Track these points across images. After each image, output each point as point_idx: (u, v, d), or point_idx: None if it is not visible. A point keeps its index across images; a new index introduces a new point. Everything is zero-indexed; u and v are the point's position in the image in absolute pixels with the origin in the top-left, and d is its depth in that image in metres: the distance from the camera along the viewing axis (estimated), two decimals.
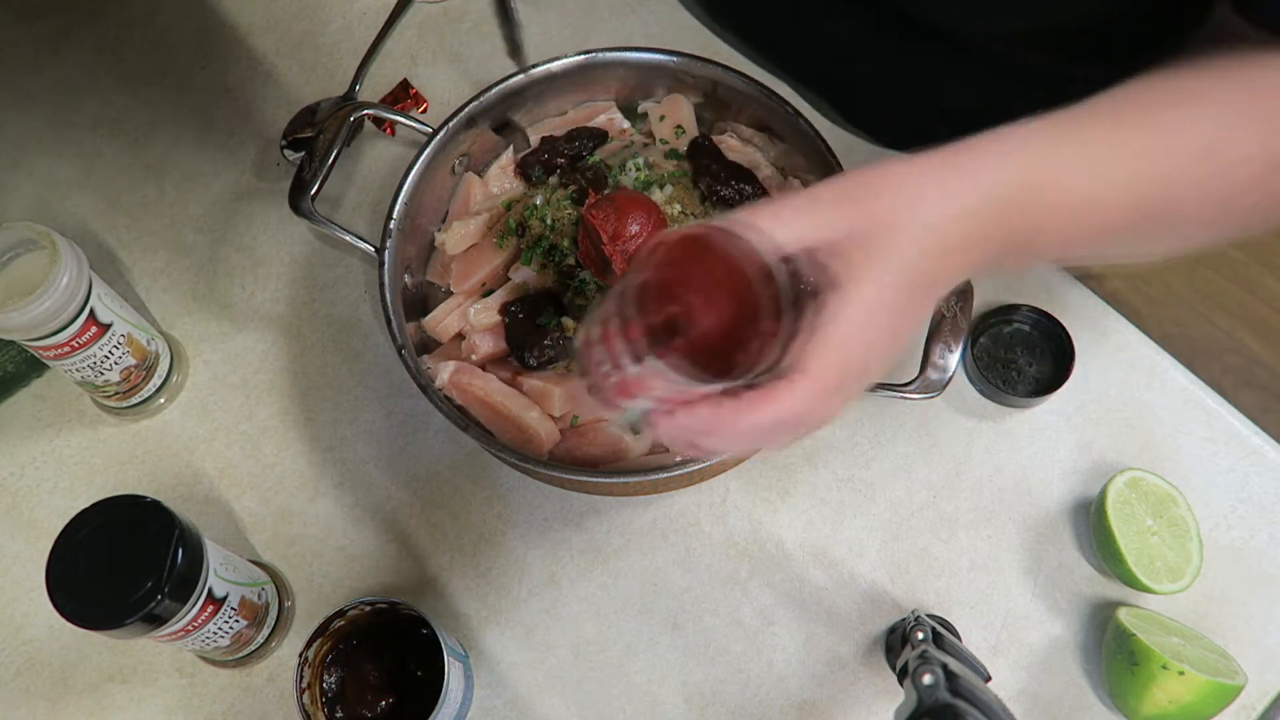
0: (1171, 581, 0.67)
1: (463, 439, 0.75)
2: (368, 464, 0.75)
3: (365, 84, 0.86)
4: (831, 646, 0.70)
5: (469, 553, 0.73)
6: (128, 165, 0.86)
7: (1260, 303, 1.62)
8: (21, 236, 0.65)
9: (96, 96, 0.88)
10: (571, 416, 0.69)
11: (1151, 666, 0.62)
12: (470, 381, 0.69)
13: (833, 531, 0.72)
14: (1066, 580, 0.71)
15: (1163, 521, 0.68)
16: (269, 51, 0.90)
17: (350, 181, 0.85)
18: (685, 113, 0.78)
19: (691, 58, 0.75)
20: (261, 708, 0.69)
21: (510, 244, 0.74)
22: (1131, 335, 0.77)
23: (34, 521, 0.74)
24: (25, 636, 0.71)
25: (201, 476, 0.75)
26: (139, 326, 0.72)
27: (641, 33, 0.90)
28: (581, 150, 0.77)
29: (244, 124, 0.87)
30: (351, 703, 0.64)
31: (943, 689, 0.51)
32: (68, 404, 0.77)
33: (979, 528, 0.72)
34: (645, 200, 0.71)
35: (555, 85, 0.77)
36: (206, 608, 0.60)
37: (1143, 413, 0.75)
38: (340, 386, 0.78)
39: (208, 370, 0.78)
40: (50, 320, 0.64)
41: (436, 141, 0.73)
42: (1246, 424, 0.75)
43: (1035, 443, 0.75)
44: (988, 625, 0.70)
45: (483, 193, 0.78)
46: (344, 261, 0.82)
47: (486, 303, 0.72)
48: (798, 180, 0.76)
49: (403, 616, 0.63)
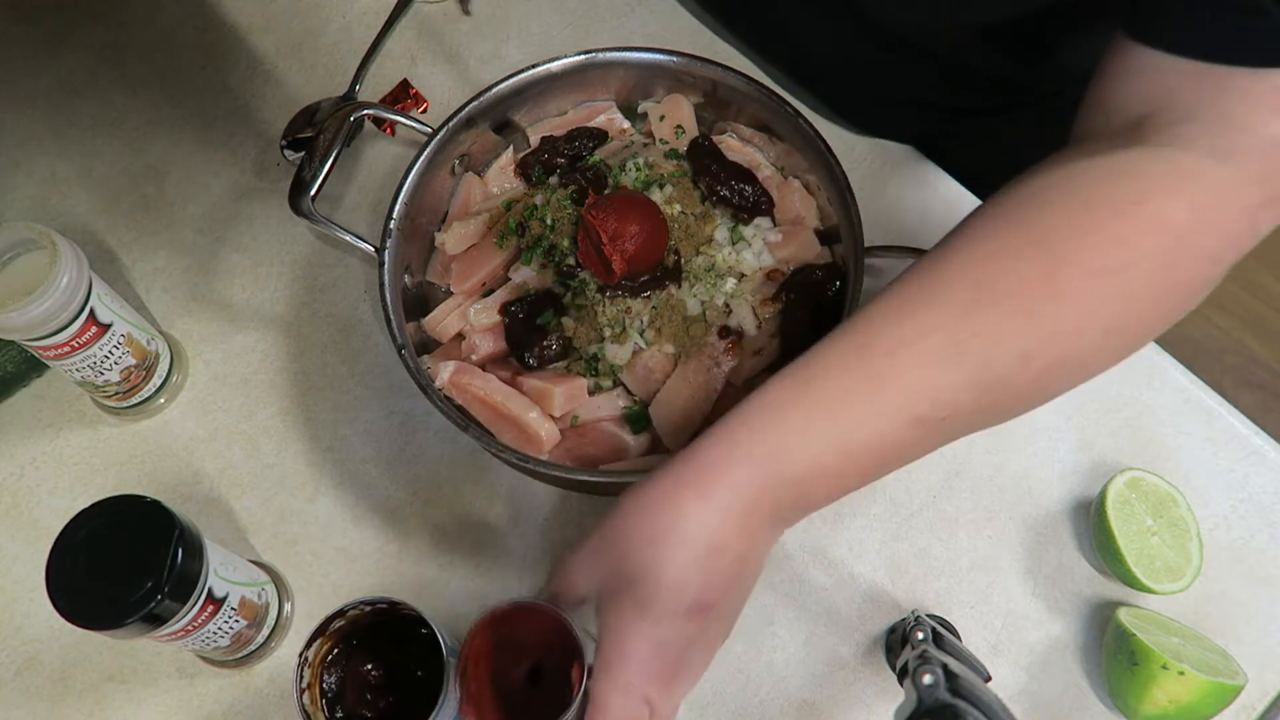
0: (1171, 581, 0.67)
1: (463, 439, 0.75)
2: (368, 464, 0.75)
3: (365, 84, 0.86)
4: (831, 646, 0.70)
5: (469, 553, 0.73)
6: (128, 165, 0.86)
7: (1260, 303, 1.63)
8: (21, 236, 0.65)
9: (96, 97, 0.88)
10: (571, 416, 0.69)
11: (1151, 666, 0.62)
12: (470, 381, 0.69)
13: (833, 531, 0.72)
14: (1066, 580, 0.71)
15: (1163, 521, 0.68)
16: (269, 51, 0.90)
17: (350, 181, 0.85)
18: (685, 113, 0.78)
19: (691, 58, 0.75)
20: (261, 708, 0.69)
21: (510, 244, 0.74)
22: None
23: (34, 521, 0.74)
24: (25, 636, 0.71)
25: (201, 476, 0.75)
26: (139, 326, 0.72)
27: (641, 33, 0.90)
28: (581, 150, 0.77)
29: (244, 124, 0.87)
30: (351, 703, 0.64)
31: (943, 689, 0.51)
32: (68, 404, 0.77)
33: (979, 528, 0.72)
34: (645, 200, 0.71)
35: (555, 85, 0.77)
36: (206, 608, 0.60)
37: (1143, 413, 0.75)
38: (340, 386, 0.78)
39: (208, 370, 0.78)
40: (50, 320, 0.64)
41: (436, 141, 0.73)
42: (1246, 424, 0.75)
43: (1035, 443, 0.75)
44: (988, 625, 0.70)
45: (483, 193, 0.78)
46: (344, 261, 0.82)
47: (486, 303, 0.72)
48: (798, 180, 0.76)
49: (403, 616, 0.63)
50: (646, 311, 0.70)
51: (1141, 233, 0.48)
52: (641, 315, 0.70)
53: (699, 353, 0.69)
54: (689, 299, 0.71)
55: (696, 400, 0.68)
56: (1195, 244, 0.49)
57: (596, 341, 0.70)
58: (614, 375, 0.70)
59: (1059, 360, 0.49)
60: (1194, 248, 0.49)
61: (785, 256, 0.73)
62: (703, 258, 0.72)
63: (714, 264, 0.72)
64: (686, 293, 0.71)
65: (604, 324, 0.70)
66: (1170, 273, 0.49)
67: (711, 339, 0.70)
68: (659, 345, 0.70)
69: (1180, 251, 0.48)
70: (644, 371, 0.69)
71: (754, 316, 0.71)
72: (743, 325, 0.71)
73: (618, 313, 0.70)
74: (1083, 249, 0.48)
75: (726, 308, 0.71)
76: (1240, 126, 0.48)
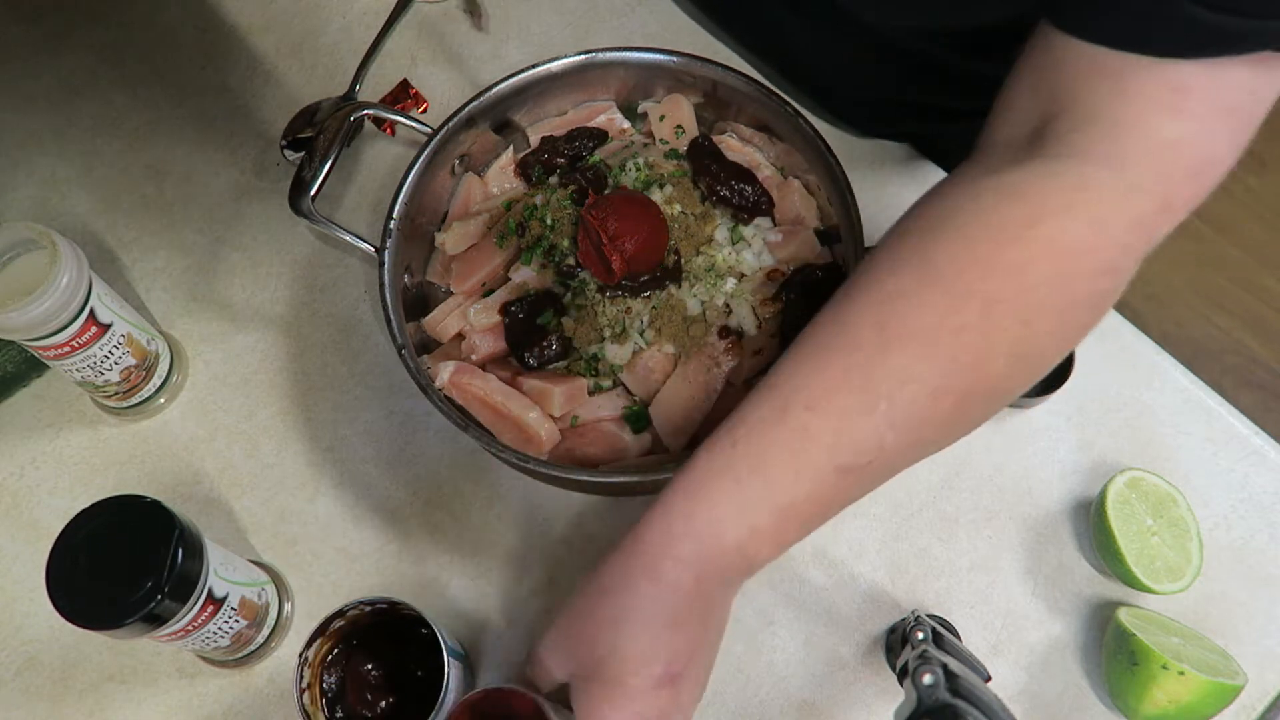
0: (1171, 581, 0.67)
1: (463, 439, 0.75)
2: (368, 464, 0.75)
3: (365, 84, 0.86)
4: (831, 646, 0.70)
5: (469, 553, 0.73)
6: (128, 165, 0.86)
7: (1260, 303, 1.63)
8: (21, 236, 0.65)
9: (96, 97, 0.88)
10: (571, 416, 0.69)
11: (1151, 666, 0.62)
12: (470, 381, 0.69)
13: (833, 531, 0.72)
14: (1066, 580, 0.71)
15: (1163, 521, 0.68)
16: (269, 51, 0.90)
17: (350, 181, 0.85)
18: (685, 113, 0.78)
19: (691, 58, 0.75)
20: (261, 708, 0.69)
21: (510, 244, 0.74)
22: (1131, 335, 0.77)
23: (34, 521, 0.74)
24: (25, 636, 0.71)
25: (201, 476, 0.75)
26: (139, 326, 0.72)
27: (641, 33, 0.90)
28: (581, 150, 0.77)
29: (244, 124, 0.87)
30: (351, 703, 0.64)
31: (943, 689, 0.51)
32: (68, 404, 0.77)
33: (979, 528, 0.72)
34: (645, 200, 0.71)
35: (555, 85, 0.77)
36: (206, 608, 0.60)
37: (1143, 413, 0.75)
38: (340, 386, 0.78)
39: (208, 370, 0.78)
40: (50, 320, 0.64)
41: (436, 141, 0.73)
42: (1246, 424, 0.75)
43: (1035, 442, 0.75)
44: (988, 625, 0.70)
45: (483, 193, 0.78)
46: (344, 261, 0.82)
47: (486, 303, 0.72)
48: (798, 180, 0.76)
49: (403, 616, 0.63)
50: (646, 311, 0.70)
51: (1035, 258, 0.49)
52: (641, 315, 0.70)
53: (699, 353, 0.69)
54: (689, 299, 0.71)
55: (696, 400, 0.68)
56: (1090, 261, 0.49)
57: (596, 341, 0.70)
58: (614, 375, 0.70)
59: (969, 392, 0.50)
60: (1089, 265, 0.50)
61: (785, 256, 0.73)
62: (703, 258, 0.72)
63: (714, 264, 0.72)
64: (686, 293, 0.71)
65: (604, 324, 0.70)
66: (1068, 292, 0.50)
67: (711, 339, 0.70)
68: (659, 345, 0.70)
69: (1075, 270, 0.49)
70: (644, 371, 0.69)
71: (754, 316, 0.71)
72: (743, 325, 0.71)
73: (618, 313, 0.70)
74: (977, 280, 0.49)
75: (726, 308, 0.71)
76: (1135, 129, 0.49)
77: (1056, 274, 0.49)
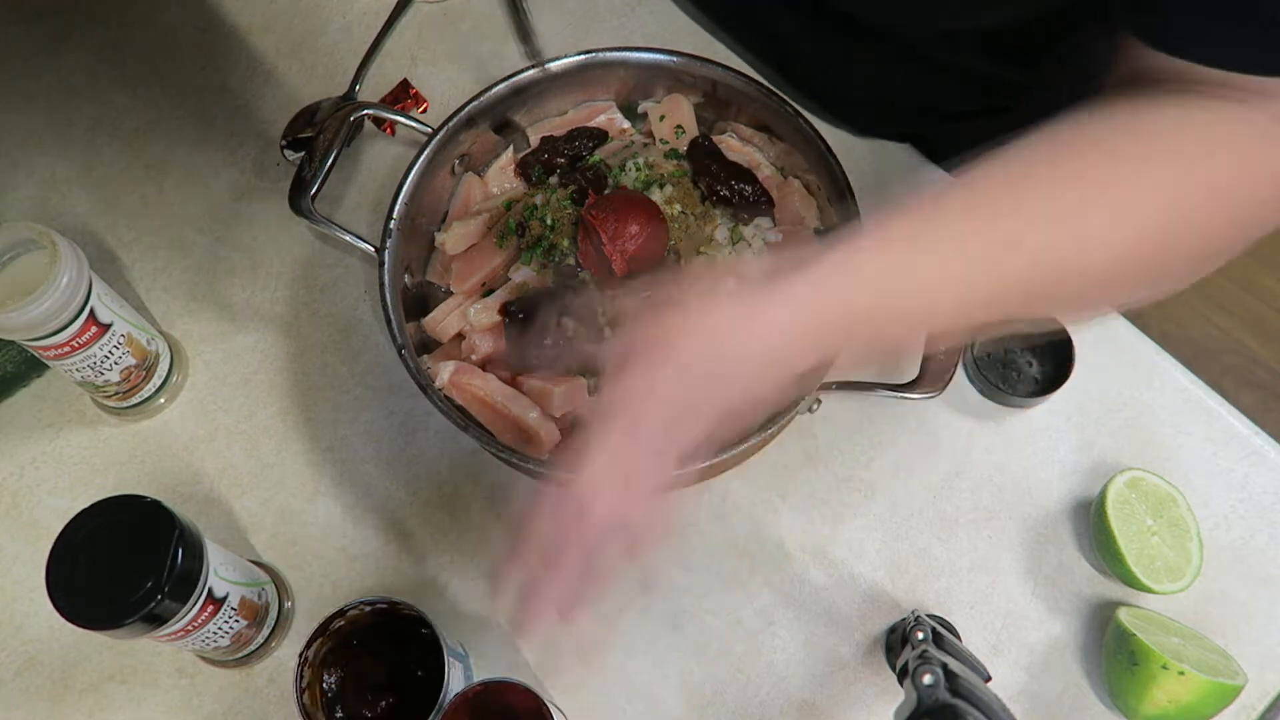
0: (1171, 581, 0.67)
1: (463, 439, 0.75)
2: (368, 464, 0.75)
3: (365, 84, 0.86)
4: (831, 646, 0.70)
5: (469, 553, 0.73)
6: (128, 165, 0.86)
7: (1260, 303, 1.63)
8: (21, 236, 0.65)
9: (96, 97, 0.88)
10: (571, 416, 0.69)
11: (1151, 666, 0.62)
12: (470, 381, 0.69)
13: (833, 531, 0.72)
14: (1066, 580, 0.71)
15: (1163, 521, 0.68)
16: (269, 51, 0.90)
17: (350, 181, 0.85)
18: (685, 113, 0.78)
19: (691, 58, 0.75)
20: (261, 708, 0.69)
21: (510, 244, 0.74)
22: (1131, 335, 0.77)
23: (34, 521, 0.74)
24: (25, 636, 0.71)
25: (201, 476, 0.75)
26: (139, 326, 0.72)
27: (641, 33, 0.90)
28: (581, 150, 0.77)
29: (244, 124, 0.87)
30: (351, 703, 0.64)
31: (943, 689, 0.51)
32: (68, 404, 0.77)
33: (979, 528, 0.72)
34: (645, 200, 0.71)
35: (555, 85, 0.77)
36: (206, 608, 0.60)
37: (1143, 413, 0.75)
38: (340, 386, 0.78)
39: (208, 370, 0.78)
40: (50, 320, 0.64)
41: (436, 141, 0.73)
42: (1246, 424, 0.75)
43: (1035, 443, 0.75)
44: (988, 625, 0.70)
45: (483, 193, 0.78)
46: (344, 261, 0.82)
47: (486, 303, 0.72)
48: (798, 180, 0.76)
49: (403, 616, 0.63)
50: None
51: (1218, 142, 0.50)
52: None
53: None
54: None
55: None
56: (1269, 164, 0.51)
57: (596, 341, 0.70)
58: None
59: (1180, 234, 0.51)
60: (1269, 166, 0.51)
61: None
62: (703, 258, 0.72)
63: (714, 264, 0.72)
64: None
65: (604, 324, 0.70)
66: (1250, 179, 0.51)
67: None
68: None
69: (1258, 162, 0.51)
70: None
71: None
72: None
73: (618, 313, 0.70)
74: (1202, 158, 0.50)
75: None
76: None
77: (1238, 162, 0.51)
